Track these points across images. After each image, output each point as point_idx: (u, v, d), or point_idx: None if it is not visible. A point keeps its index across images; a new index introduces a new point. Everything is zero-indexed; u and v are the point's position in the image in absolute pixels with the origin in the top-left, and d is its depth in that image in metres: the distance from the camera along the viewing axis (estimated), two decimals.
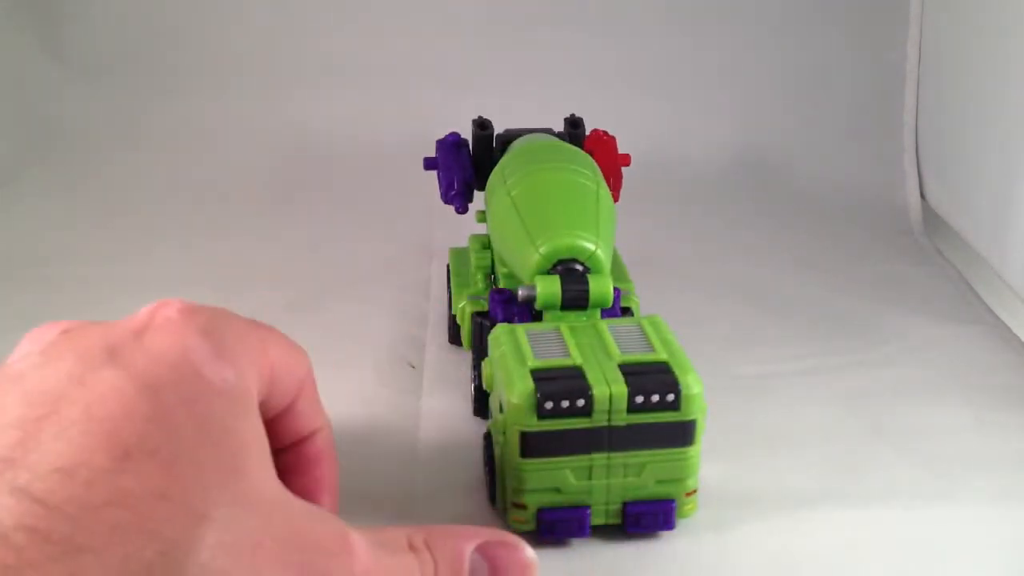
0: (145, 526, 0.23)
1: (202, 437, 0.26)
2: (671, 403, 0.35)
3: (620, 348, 0.37)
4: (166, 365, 0.27)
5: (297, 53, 0.81)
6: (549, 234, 0.41)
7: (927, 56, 0.76)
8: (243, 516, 0.25)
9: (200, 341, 0.28)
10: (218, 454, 0.26)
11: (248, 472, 0.26)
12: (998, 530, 0.38)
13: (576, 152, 0.47)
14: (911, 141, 0.77)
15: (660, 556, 0.36)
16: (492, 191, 0.46)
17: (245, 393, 0.28)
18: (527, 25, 0.80)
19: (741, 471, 0.42)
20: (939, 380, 0.50)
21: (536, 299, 0.40)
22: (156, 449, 0.24)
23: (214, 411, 0.26)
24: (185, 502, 0.24)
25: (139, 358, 0.27)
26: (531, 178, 0.44)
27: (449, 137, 0.52)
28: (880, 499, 0.40)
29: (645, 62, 0.80)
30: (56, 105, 0.79)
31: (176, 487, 0.24)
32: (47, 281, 0.61)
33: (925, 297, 0.60)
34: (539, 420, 0.34)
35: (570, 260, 0.41)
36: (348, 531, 0.28)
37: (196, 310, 0.29)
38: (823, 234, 0.70)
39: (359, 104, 0.79)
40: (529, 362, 0.36)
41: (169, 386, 0.26)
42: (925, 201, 0.74)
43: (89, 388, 0.25)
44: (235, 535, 0.25)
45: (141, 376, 0.26)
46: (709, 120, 0.79)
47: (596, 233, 0.41)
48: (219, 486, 0.25)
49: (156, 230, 0.69)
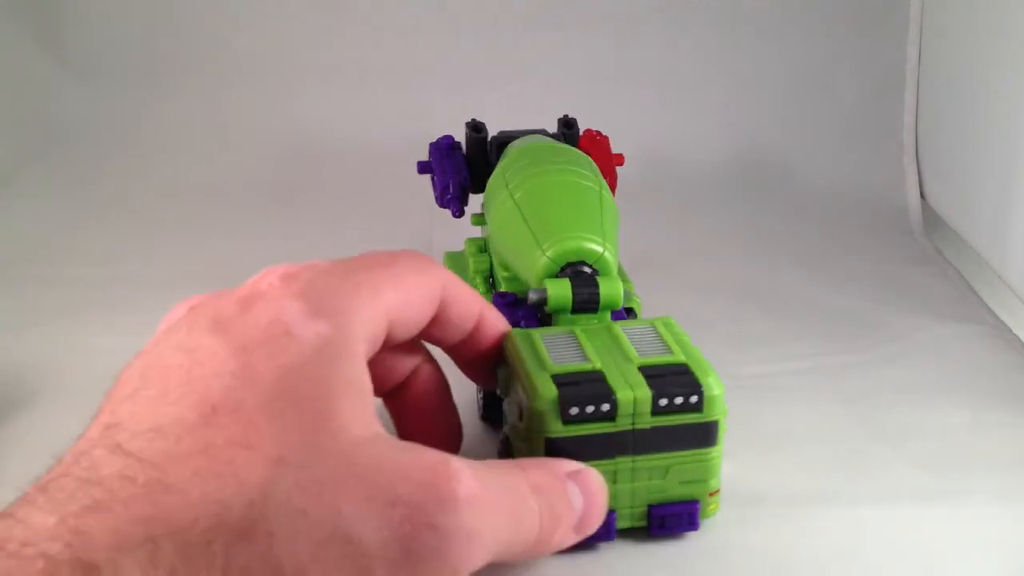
0: (225, 470, 0.25)
1: (284, 388, 0.27)
2: (694, 405, 0.35)
3: (638, 351, 0.37)
4: (259, 329, 0.28)
5: (297, 53, 0.81)
6: (556, 237, 0.41)
7: (927, 56, 0.76)
8: (323, 457, 0.26)
9: (293, 302, 0.29)
10: (299, 403, 0.27)
11: (333, 416, 0.27)
12: (998, 530, 0.38)
13: (577, 153, 0.47)
14: (911, 141, 0.77)
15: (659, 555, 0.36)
16: (493, 194, 0.46)
17: (341, 342, 0.29)
18: (527, 25, 0.80)
19: (741, 471, 0.42)
20: (939, 380, 0.50)
21: (547, 302, 0.40)
22: (239, 404, 0.27)
23: (301, 363, 0.28)
24: (263, 449, 0.26)
25: (239, 324, 0.29)
26: (534, 181, 0.44)
27: (443, 140, 0.52)
28: (880, 499, 0.40)
29: (644, 62, 0.80)
30: (56, 105, 0.79)
31: (256, 436, 0.26)
32: (47, 281, 0.61)
33: (925, 297, 0.60)
34: (564, 426, 0.34)
35: (578, 263, 0.41)
36: (449, 459, 0.28)
37: (296, 275, 0.31)
38: (823, 234, 0.70)
39: (359, 104, 0.79)
40: (549, 367, 0.35)
41: (259, 346, 0.28)
42: (925, 201, 0.74)
43: (186, 354, 0.28)
44: (313, 475, 0.26)
45: (236, 340, 0.28)
46: (709, 120, 0.79)
47: (602, 235, 0.41)
48: (299, 431, 0.27)
49: (156, 230, 0.69)
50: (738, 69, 0.80)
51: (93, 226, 0.70)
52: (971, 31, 0.68)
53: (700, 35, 0.80)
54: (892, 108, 0.78)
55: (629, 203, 0.50)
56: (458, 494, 0.27)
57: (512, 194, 0.44)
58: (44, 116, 0.79)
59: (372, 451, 0.27)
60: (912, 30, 0.77)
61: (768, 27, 0.80)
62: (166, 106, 0.79)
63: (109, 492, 0.24)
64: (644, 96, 0.79)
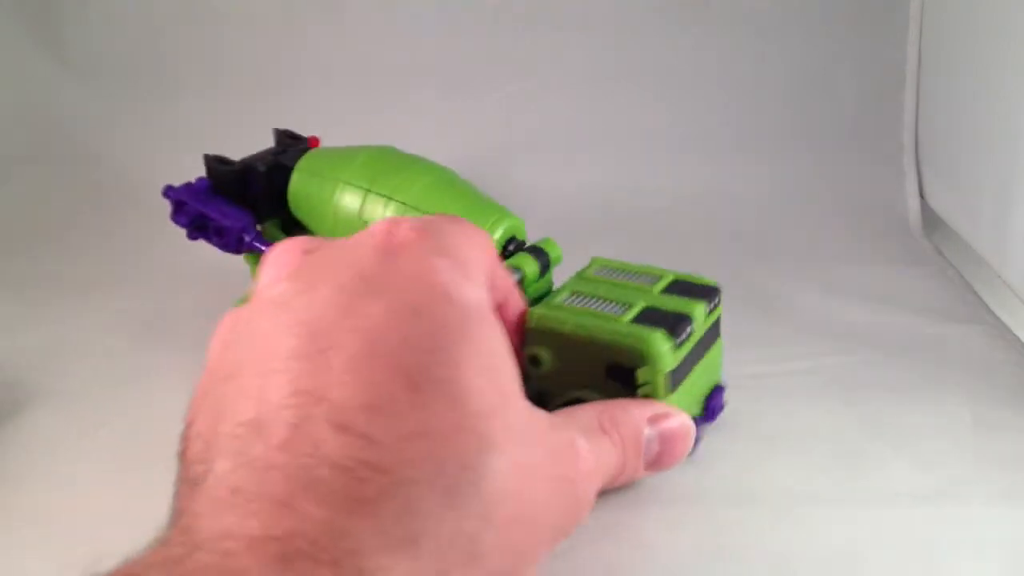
0: (451, 455, 0.25)
1: (476, 364, 0.27)
2: (719, 303, 0.42)
3: (639, 283, 0.42)
4: (419, 291, 0.28)
5: (297, 53, 0.81)
6: (490, 222, 0.45)
7: (927, 56, 0.76)
8: (519, 439, 0.27)
9: (443, 261, 0.29)
10: (491, 379, 0.27)
11: (513, 393, 0.28)
12: (998, 530, 0.38)
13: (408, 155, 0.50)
14: (911, 141, 0.77)
15: (660, 555, 0.36)
16: (352, 211, 0.47)
17: (488, 309, 0.29)
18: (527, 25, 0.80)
19: (741, 471, 0.42)
20: (939, 380, 0.50)
21: (525, 279, 0.42)
22: (439, 380, 0.26)
23: (473, 335, 0.28)
24: (476, 430, 0.26)
25: (393, 283, 0.28)
26: (414, 182, 0.47)
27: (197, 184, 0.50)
28: (880, 499, 0.40)
29: (644, 62, 0.80)
30: (56, 105, 0.79)
31: (467, 418, 0.26)
32: (47, 280, 0.61)
33: (925, 297, 0.60)
34: (674, 355, 0.38)
35: (511, 239, 0.45)
36: (574, 435, 0.31)
37: (429, 226, 0.30)
38: (823, 234, 0.70)
39: (359, 104, 0.79)
40: (618, 318, 0.39)
41: (429, 313, 0.27)
42: (925, 201, 0.74)
43: (359, 318, 0.26)
44: (518, 458, 0.27)
45: (402, 305, 0.27)
46: (708, 120, 0.79)
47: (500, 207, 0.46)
48: (499, 412, 0.27)
49: (156, 229, 0.69)
50: (738, 69, 0.80)
51: (92, 225, 0.70)
52: (971, 31, 0.67)
53: (700, 35, 0.80)
54: (892, 108, 0.78)
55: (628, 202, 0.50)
56: (588, 469, 0.30)
57: (394, 200, 0.46)
58: (44, 116, 0.79)
59: (541, 430, 0.29)
60: (912, 30, 0.77)
61: (768, 27, 0.80)
62: (166, 106, 0.79)
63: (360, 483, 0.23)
64: (643, 96, 0.79)
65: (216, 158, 0.50)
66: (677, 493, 0.40)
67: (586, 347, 0.38)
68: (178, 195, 0.50)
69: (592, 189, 0.74)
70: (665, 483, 0.41)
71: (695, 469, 0.41)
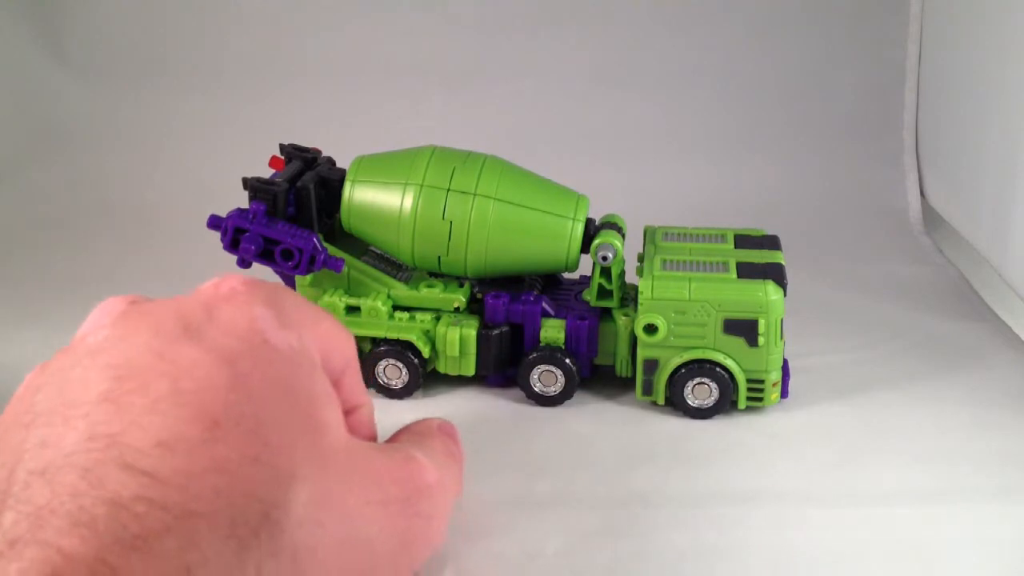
0: (243, 488, 0.25)
1: (279, 400, 0.27)
2: None
3: (712, 243, 0.47)
4: (237, 336, 0.28)
5: (297, 53, 0.81)
6: (571, 205, 0.47)
7: (927, 55, 0.76)
8: (329, 469, 0.27)
9: (265, 311, 0.29)
10: (297, 414, 0.27)
11: (326, 426, 0.28)
12: (998, 530, 0.38)
13: (460, 151, 0.49)
14: (911, 140, 0.77)
15: (660, 555, 0.36)
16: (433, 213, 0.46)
17: (310, 355, 0.30)
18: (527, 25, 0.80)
19: (741, 470, 0.42)
20: (939, 379, 0.50)
21: (617, 255, 0.45)
22: (241, 416, 0.26)
23: (286, 374, 0.28)
24: (275, 464, 0.26)
25: (212, 331, 0.28)
26: (500, 177, 0.47)
27: (255, 208, 0.46)
28: (880, 499, 0.40)
29: (644, 62, 0.80)
30: (56, 105, 0.79)
31: (265, 451, 0.26)
32: (46, 280, 0.61)
33: (925, 296, 0.60)
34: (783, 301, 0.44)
35: (591, 220, 0.47)
36: (412, 453, 0.31)
37: (258, 283, 0.31)
38: (823, 233, 0.70)
39: (359, 104, 0.79)
40: (727, 276, 0.43)
41: (243, 356, 0.27)
42: (925, 200, 0.74)
43: (170, 362, 0.27)
44: (325, 488, 0.27)
45: (217, 349, 0.27)
46: (709, 119, 0.79)
47: None
48: (303, 444, 0.27)
49: (156, 229, 0.69)
50: (739, 68, 0.80)
51: (92, 226, 0.70)
52: (971, 31, 0.67)
53: (700, 35, 0.80)
54: (892, 108, 0.78)
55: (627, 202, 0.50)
56: (429, 483, 0.31)
57: (486, 196, 0.46)
58: (44, 116, 0.79)
59: (363, 456, 0.29)
60: (912, 30, 0.77)
61: (768, 27, 0.80)
62: (166, 106, 0.79)
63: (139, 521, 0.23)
64: (644, 96, 0.79)
65: (259, 180, 0.47)
66: (677, 493, 0.40)
67: (705, 307, 0.42)
68: (238, 222, 0.46)
69: (592, 189, 0.74)
70: (665, 483, 0.41)
71: (695, 469, 0.41)
